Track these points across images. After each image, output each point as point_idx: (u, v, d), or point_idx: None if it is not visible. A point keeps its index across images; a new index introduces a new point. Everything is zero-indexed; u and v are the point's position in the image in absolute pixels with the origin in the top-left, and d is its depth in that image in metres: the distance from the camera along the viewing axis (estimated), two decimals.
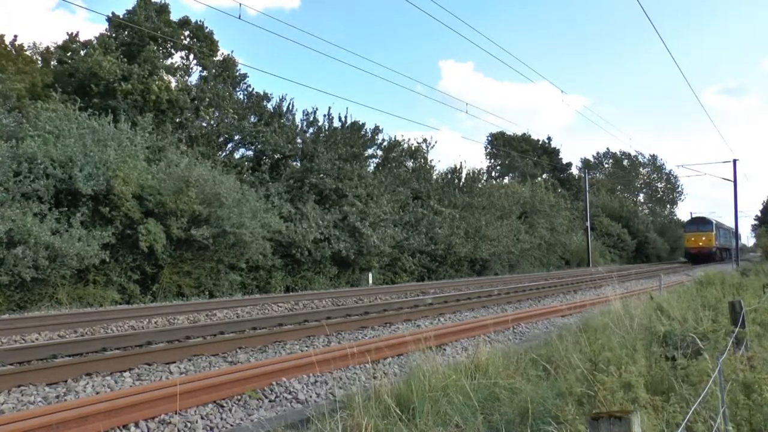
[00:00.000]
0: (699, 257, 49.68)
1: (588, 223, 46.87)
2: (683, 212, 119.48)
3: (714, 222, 53.44)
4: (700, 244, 50.69)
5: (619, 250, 55.70)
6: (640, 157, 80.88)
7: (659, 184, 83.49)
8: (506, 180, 55.20)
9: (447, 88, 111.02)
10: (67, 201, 16.02)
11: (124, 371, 6.81)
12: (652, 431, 3.06)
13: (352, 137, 26.86)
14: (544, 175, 59.71)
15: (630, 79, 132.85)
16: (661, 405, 3.34)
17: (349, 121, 27.35)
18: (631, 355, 4.61)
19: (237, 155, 25.69)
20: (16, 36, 24.14)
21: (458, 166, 35.65)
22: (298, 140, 25.82)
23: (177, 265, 18.13)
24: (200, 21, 26.54)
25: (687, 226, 55.37)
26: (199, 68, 26.97)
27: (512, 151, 58.09)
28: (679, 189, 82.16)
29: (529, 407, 3.80)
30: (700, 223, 53.16)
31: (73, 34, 24.61)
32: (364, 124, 28.08)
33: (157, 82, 22.71)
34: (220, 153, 24.94)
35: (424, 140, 32.98)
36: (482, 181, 38.55)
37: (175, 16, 25.62)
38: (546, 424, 3.46)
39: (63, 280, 15.29)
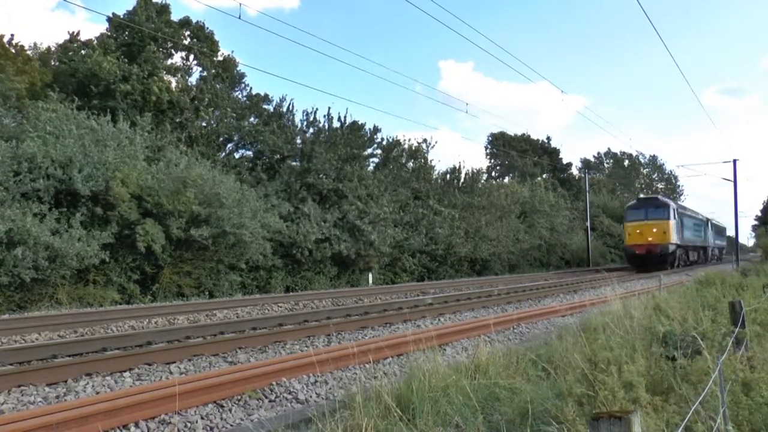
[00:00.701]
0: (647, 260, 32.69)
1: (588, 223, 46.85)
2: None
3: (672, 206, 35.14)
4: (650, 239, 33.05)
5: (620, 250, 55.52)
6: (640, 157, 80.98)
7: (659, 185, 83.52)
8: (506, 180, 55.22)
9: (447, 88, 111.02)
10: (67, 201, 16.03)
11: (124, 371, 6.81)
12: (653, 431, 3.06)
13: (352, 137, 26.87)
14: (544, 175, 59.71)
15: (630, 79, 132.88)
16: (661, 405, 3.34)
17: (348, 121, 27.37)
18: (631, 356, 4.61)
19: (237, 156, 25.73)
20: (13, 35, 24.08)
21: (458, 166, 35.72)
22: (298, 140, 25.85)
23: (177, 265, 18.13)
24: (201, 21, 26.59)
25: (628, 211, 36.13)
26: (200, 68, 27.00)
27: (512, 151, 58.10)
28: (679, 189, 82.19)
29: (530, 407, 3.80)
30: (648, 206, 34.84)
31: (74, 34, 24.63)
32: (363, 124, 28.12)
33: (157, 83, 22.72)
34: (219, 153, 24.96)
35: (424, 140, 33.04)
36: (482, 181, 38.58)
37: (175, 17, 25.64)
38: (546, 424, 3.46)
39: (63, 281, 15.29)
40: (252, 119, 26.24)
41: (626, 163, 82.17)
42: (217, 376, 6.12)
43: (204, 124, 24.86)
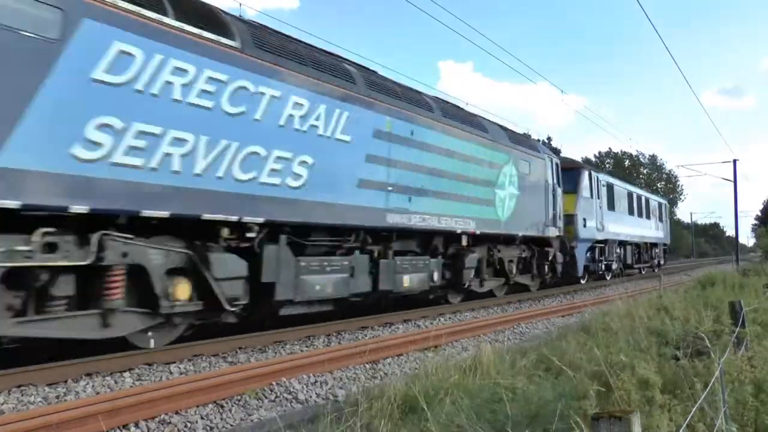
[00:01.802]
0: None
1: None
2: (683, 212, 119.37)
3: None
4: None
5: None
6: (641, 157, 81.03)
7: (659, 184, 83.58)
8: None
9: (446, 89, 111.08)
10: None
11: (124, 371, 6.80)
12: (658, 431, 3.05)
13: None
14: None
15: (630, 79, 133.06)
16: (669, 404, 3.33)
17: None
18: (637, 355, 4.60)
19: None
20: None
21: None
22: None
23: None
24: None
25: None
26: None
27: None
28: (679, 189, 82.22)
29: (531, 407, 3.79)
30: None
31: None
32: None
33: None
34: None
35: None
36: None
37: None
38: (548, 424, 3.45)
39: None
40: None
41: (627, 163, 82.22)
42: (217, 376, 6.11)
43: None
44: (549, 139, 65.44)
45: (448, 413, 4.01)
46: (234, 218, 7.50)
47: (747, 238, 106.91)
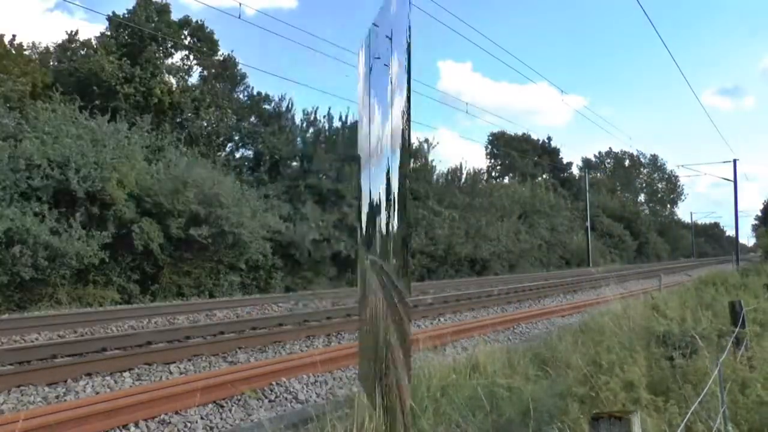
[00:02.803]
0: None
1: (588, 224, 46.86)
2: (683, 212, 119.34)
3: None
4: None
5: (620, 250, 55.50)
6: (641, 157, 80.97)
7: (659, 184, 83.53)
8: (506, 180, 55.24)
9: (446, 88, 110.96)
10: (66, 201, 16.02)
11: (124, 371, 6.81)
12: (654, 431, 3.06)
13: (353, 137, 26.87)
14: (545, 175, 59.70)
15: (630, 78, 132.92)
16: (663, 405, 3.33)
17: (350, 121, 27.27)
18: (631, 356, 4.61)
19: (237, 155, 25.76)
20: (14, 35, 23.92)
21: (459, 166, 35.20)
22: (298, 140, 25.88)
23: (177, 264, 18.13)
24: (200, 21, 26.42)
25: None
26: (200, 68, 26.98)
27: (512, 151, 58.06)
28: (680, 189, 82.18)
29: (530, 407, 3.80)
30: None
31: (72, 33, 24.56)
32: None
33: (159, 85, 22.75)
34: (220, 153, 24.98)
35: (426, 140, 32.54)
36: (482, 182, 38.67)
37: (174, 16, 25.55)
38: (546, 423, 3.46)
39: (63, 280, 15.30)
40: (252, 119, 26.26)
41: (627, 162, 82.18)
42: (217, 376, 6.12)
43: (204, 123, 24.88)
44: (549, 139, 65.41)
45: (441, 412, 4.02)
46: None
47: (747, 238, 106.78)
